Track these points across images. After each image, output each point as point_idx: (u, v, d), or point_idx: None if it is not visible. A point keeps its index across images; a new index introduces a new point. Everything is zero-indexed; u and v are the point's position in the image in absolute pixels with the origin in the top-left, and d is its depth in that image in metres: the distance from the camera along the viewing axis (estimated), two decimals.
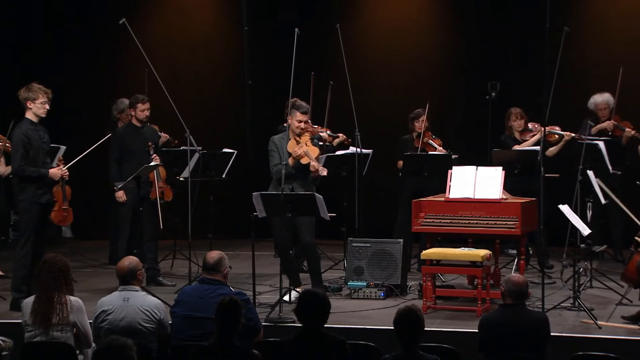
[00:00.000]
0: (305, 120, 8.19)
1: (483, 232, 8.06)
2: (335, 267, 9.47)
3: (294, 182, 8.12)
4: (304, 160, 8.09)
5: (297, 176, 8.15)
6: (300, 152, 8.07)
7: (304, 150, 8.07)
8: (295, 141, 8.16)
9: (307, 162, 8.09)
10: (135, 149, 8.77)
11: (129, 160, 8.76)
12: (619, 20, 11.06)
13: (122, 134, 8.88)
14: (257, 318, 6.05)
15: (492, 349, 5.62)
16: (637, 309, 7.26)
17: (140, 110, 8.79)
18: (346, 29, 10.34)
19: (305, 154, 8.06)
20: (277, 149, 8.16)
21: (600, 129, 9.70)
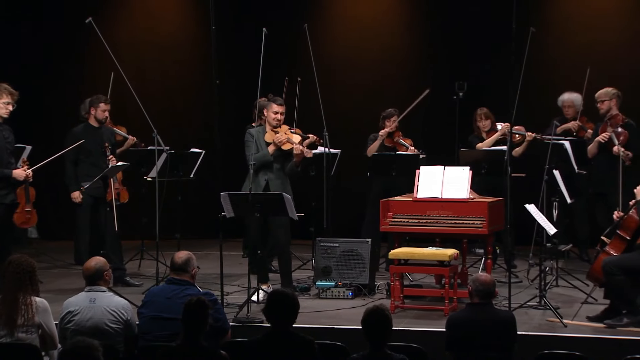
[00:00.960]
0: (282, 112, 8.21)
1: (450, 232, 8.10)
2: (303, 267, 9.48)
3: (269, 172, 8.12)
4: (285, 146, 8.08)
5: (274, 166, 8.15)
6: (283, 139, 8.07)
7: (285, 137, 8.07)
8: (273, 132, 8.17)
9: (289, 147, 8.08)
10: (92, 149, 8.72)
11: (84, 161, 8.71)
12: (583, 20, 11.18)
13: (79, 133, 8.80)
14: (224, 318, 6.03)
15: (459, 348, 5.65)
16: (602, 307, 7.33)
17: (101, 110, 8.75)
18: (314, 29, 10.35)
19: (287, 140, 8.07)
20: (253, 140, 8.17)
21: (565, 129, 9.79)
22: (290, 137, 8.13)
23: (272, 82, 9.74)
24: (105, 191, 8.74)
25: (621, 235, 7.34)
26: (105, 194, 8.75)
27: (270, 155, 8.11)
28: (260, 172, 8.11)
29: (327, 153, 9.16)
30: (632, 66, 10.89)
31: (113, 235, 8.74)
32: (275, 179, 8.14)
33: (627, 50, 10.99)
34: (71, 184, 8.70)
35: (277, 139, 8.08)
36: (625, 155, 8.95)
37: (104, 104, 8.75)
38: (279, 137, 8.08)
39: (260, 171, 8.11)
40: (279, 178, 8.17)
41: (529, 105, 9.81)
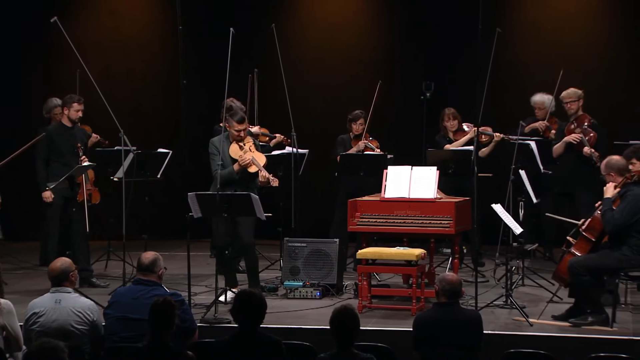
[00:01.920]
0: (244, 128, 8.16)
1: (418, 232, 8.14)
2: (271, 267, 9.47)
3: (237, 186, 8.09)
4: (251, 169, 8.06)
5: (240, 181, 8.11)
6: (248, 161, 8.03)
7: (251, 158, 8.03)
8: (238, 146, 8.12)
9: (255, 170, 8.06)
10: (64, 149, 8.66)
11: (56, 160, 8.64)
12: (549, 22, 11.26)
13: (52, 133, 8.74)
14: (192, 319, 6.01)
15: (426, 347, 5.67)
16: (567, 306, 7.40)
17: (75, 110, 8.70)
18: (282, 29, 10.35)
19: (252, 162, 8.02)
20: (217, 152, 8.12)
21: (533, 128, 9.87)
22: (255, 157, 8.05)
23: (240, 82, 9.72)
24: (77, 192, 8.68)
25: (586, 236, 7.40)
26: (76, 194, 8.68)
27: (235, 174, 8.07)
28: (226, 187, 8.04)
29: (295, 153, 9.16)
30: (596, 67, 11.00)
31: (83, 236, 8.68)
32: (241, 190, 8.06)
33: (591, 51, 11.10)
34: (42, 184, 8.64)
35: (242, 160, 8.02)
36: (596, 157, 9.05)
37: (77, 104, 8.70)
38: (244, 159, 8.01)
39: (226, 187, 8.04)
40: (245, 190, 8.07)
41: (496, 105, 9.88)
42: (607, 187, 7.31)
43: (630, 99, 10.87)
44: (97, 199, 9.14)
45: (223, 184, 8.00)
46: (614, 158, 7.43)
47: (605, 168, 7.33)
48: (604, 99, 10.56)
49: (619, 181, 7.28)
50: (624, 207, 7.13)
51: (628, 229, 7.14)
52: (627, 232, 7.16)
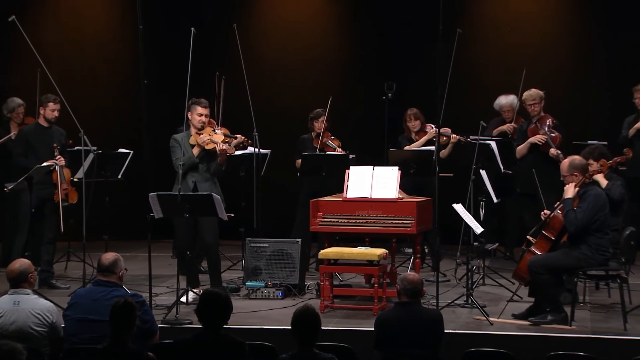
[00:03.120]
0: (206, 113, 8.17)
1: (380, 232, 8.17)
2: (233, 268, 9.45)
3: (196, 174, 8.08)
4: (209, 145, 8.05)
5: (200, 168, 8.10)
6: (205, 139, 8.03)
7: (207, 137, 8.04)
8: (197, 134, 8.12)
9: (212, 147, 8.04)
10: (40, 149, 8.61)
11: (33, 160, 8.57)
12: (509, 23, 11.36)
13: (27, 133, 8.71)
14: (153, 320, 5.97)
15: (387, 346, 5.69)
16: (527, 305, 7.46)
17: (50, 110, 8.67)
18: (244, 29, 10.33)
19: (210, 140, 8.03)
20: (178, 144, 8.11)
21: (501, 130, 9.95)
22: (212, 136, 8.09)
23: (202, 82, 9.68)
24: (53, 192, 8.61)
25: (546, 235, 7.47)
26: (52, 194, 8.61)
27: (195, 157, 8.07)
28: (187, 174, 8.07)
29: (256, 153, 9.14)
30: (555, 68, 11.12)
31: (53, 237, 8.63)
32: (203, 180, 8.10)
33: (550, 52, 11.21)
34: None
35: (200, 139, 8.04)
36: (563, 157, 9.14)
37: (52, 103, 8.66)
38: (201, 138, 8.05)
39: (187, 174, 8.06)
40: (207, 180, 8.12)
41: (457, 106, 9.93)
42: (567, 187, 7.38)
43: (588, 100, 11.00)
44: (75, 198, 9.02)
45: (185, 172, 7.98)
46: (577, 158, 7.51)
47: (570, 168, 7.38)
48: (563, 100, 10.67)
49: (579, 179, 7.35)
50: (586, 207, 7.20)
51: (587, 228, 7.23)
52: (586, 231, 7.24)
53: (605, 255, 7.27)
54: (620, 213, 7.94)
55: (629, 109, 9.69)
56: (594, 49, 11.10)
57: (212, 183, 8.13)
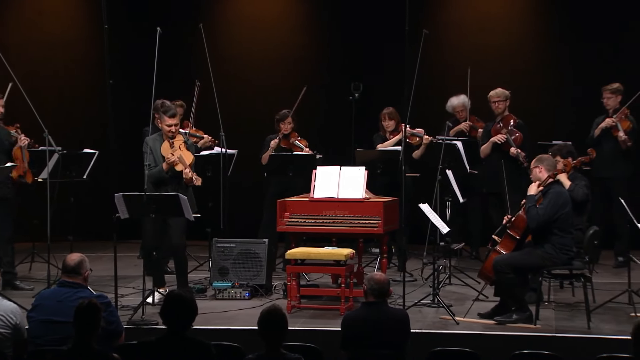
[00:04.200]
0: (175, 123, 8.10)
1: (346, 232, 8.19)
2: (200, 268, 9.42)
3: (168, 186, 8.03)
4: (178, 167, 8.00)
5: (171, 180, 8.05)
6: (174, 159, 7.97)
7: (178, 156, 7.97)
8: (169, 144, 8.06)
9: (181, 169, 8.00)
10: None
11: None
12: (474, 23, 11.43)
13: None
14: (118, 321, 5.93)
15: (354, 346, 5.70)
16: (493, 304, 7.51)
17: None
18: (210, 29, 10.30)
19: (179, 160, 7.97)
20: (150, 151, 8.06)
21: (458, 130, 10.00)
22: (182, 155, 8.01)
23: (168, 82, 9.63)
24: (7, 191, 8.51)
25: (511, 234, 7.53)
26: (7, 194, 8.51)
27: (164, 172, 8.01)
28: (159, 187, 7.98)
29: (223, 153, 9.12)
30: (520, 68, 11.19)
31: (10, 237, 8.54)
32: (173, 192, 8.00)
33: (515, 52, 11.29)
34: None
35: (169, 159, 7.97)
36: (523, 157, 9.21)
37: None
38: (170, 159, 7.96)
39: (159, 186, 7.98)
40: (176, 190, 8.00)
41: (423, 106, 9.98)
42: (531, 185, 7.46)
43: (554, 100, 11.09)
44: (31, 178, 8.93)
45: (155, 183, 7.94)
46: (547, 155, 7.64)
47: (536, 161, 7.48)
48: (528, 100, 10.75)
49: (544, 176, 7.43)
50: (547, 203, 7.28)
51: (551, 227, 7.29)
52: (550, 230, 7.31)
53: (569, 255, 7.35)
54: (584, 213, 8.03)
55: (594, 109, 9.79)
56: (558, 50, 11.19)
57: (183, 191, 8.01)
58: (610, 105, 9.60)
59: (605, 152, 9.27)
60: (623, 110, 9.49)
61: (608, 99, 9.61)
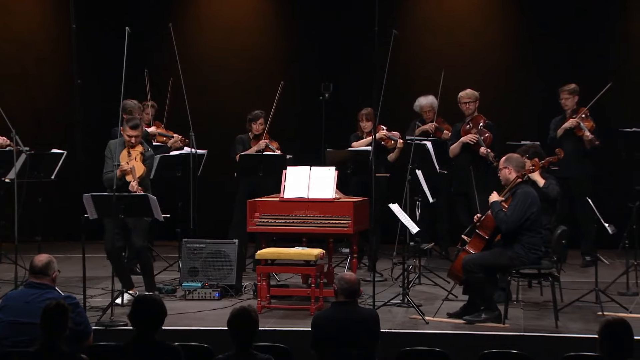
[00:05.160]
0: (136, 135, 8.06)
1: (317, 232, 8.19)
2: (169, 269, 9.37)
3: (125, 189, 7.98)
4: (128, 177, 7.97)
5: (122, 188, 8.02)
6: (127, 169, 7.96)
7: (131, 167, 7.95)
8: (127, 152, 8.03)
9: (130, 180, 7.97)
10: None
11: None
12: (443, 24, 11.48)
13: None
14: (86, 322, 5.90)
15: (323, 346, 5.71)
16: (462, 304, 7.55)
17: None
18: (180, 28, 10.25)
19: (130, 171, 7.95)
20: (111, 156, 8.03)
21: (422, 130, 10.05)
22: (135, 166, 7.97)
23: (137, 82, 9.60)
24: None
25: (480, 234, 7.58)
26: None
27: (118, 179, 7.98)
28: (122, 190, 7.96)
29: (193, 154, 9.09)
30: (489, 68, 11.26)
31: None
32: None
33: (483, 53, 11.36)
34: None
35: (122, 167, 7.95)
36: (492, 157, 9.27)
37: None
38: (123, 167, 7.94)
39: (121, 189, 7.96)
40: None
41: (393, 106, 10.01)
42: (492, 194, 7.50)
43: (522, 100, 11.17)
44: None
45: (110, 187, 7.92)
46: (516, 154, 7.67)
47: (505, 161, 7.52)
48: (496, 100, 10.83)
49: (513, 177, 7.47)
50: (515, 204, 7.32)
51: (520, 227, 7.34)
52: (519, 230, 7.35)
53: (537, 254, 7.40)
54: (554, 212, 8.10)
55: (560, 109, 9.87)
56: (525, 50, 11.27)
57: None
58: (568, 106, 9.71)
59: (567, 153, 9.33)
60: (583, 110, 9.59)
61: (566, 100, 9.72)
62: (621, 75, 10.65)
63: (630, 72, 10.91)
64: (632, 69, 10.97)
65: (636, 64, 11.01)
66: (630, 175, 9.34)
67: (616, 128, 9.63)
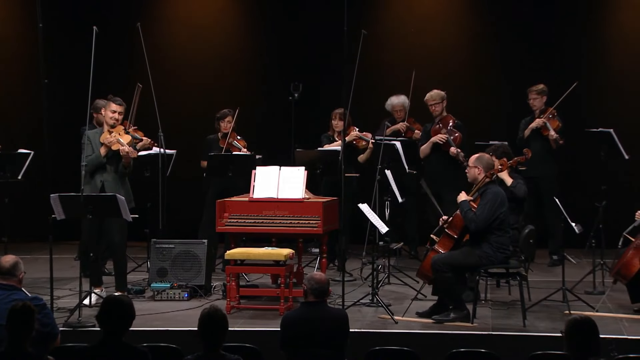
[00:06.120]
0: (120, 111, 8.08)
1: (286, 232, 8.19)
2: (138, 269, 9.33)
3: (104, 173, 8.00)
4: (114, 146, 7.96)
5: (108, 168, 7.99)
6: (112, 139, 7.94)
7: (115, 138, 7.94)
8: (108, 132, 8.02)
9: (117, 147, 7.96)
10: None
11: None
12: (412, 24, 11.52)
13: None
14: (53, 323, 5.84)
15: (293, 346, 5.70)
16: (431, 303, 7.58)
17: None
18: (148, 28, 10.19)
19: (117, 141, 7.93)
20: (90, 142, 8.03)
21: (394, 129, 10.07)
22: (120, 137, 8.00)
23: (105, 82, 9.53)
24: None
25: (449, 233, 7.61)
26: None
27: (102, 157, 7.97)
28: (96, 174, 7.99)
29: (162, 154, 9.05)
30: (458, 69, 11.33)
31: None
32: (111, 180, 8.02)
33: (453, 53, 11.42)
34: None
35: (107, 139, 7.95)
36: (462, 157, 9.31)
37: None
38: (109, 138, 7.95)
39: (96, 173, 7.98)
40: (115, 179, 8.04)
41: (363, 106, 10.04)
42: (461, 194, 7.54)
43: (490, 100, 11.24)
44: None
45: (93, 170, 7.87)
46: (486, 155, 7.70)
47: (475, 161, 7.55)
48: (465, 100, 10.89)
49: (482, 177, 7.51)
50: (485, 204, 7.36)
51: (488, 227, 7.38)
52: (488, 230, 7.39)
53: (505, 254, 7.45)
54: (521, 212, 8.15)
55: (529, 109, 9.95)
56: (493, 50, 11.34)
57: (120, 182, 8.03)
58: (537, 106, 9.81)
59: (534, 152, 9.39)
60: (550, 110, 9.69)
61: (534, 100, 9.81)
62: (588, 74, 10.74)
63: (596, 72, 11.01)
64: (598, 68, 11.07)
65: (602, 64, 11.11)
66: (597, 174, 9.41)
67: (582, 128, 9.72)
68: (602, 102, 10.95)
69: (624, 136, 9.38)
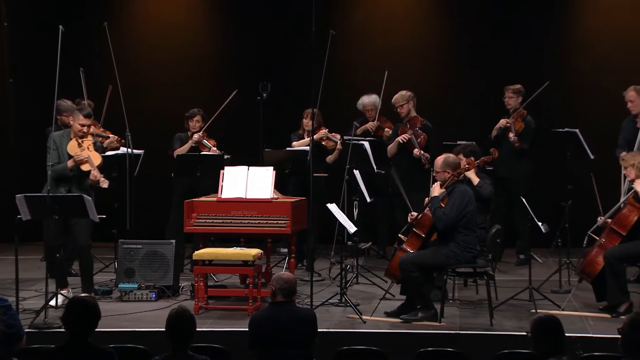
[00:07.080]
0: (89, 124, 7.99)
1: (255, 232, 8.17)
2: (105, 270, 9.27)
3: (71, 184, 7.90)
4: (84, 167, 7.87)
5: (73, 180, 7.91)
6: (83, 158, 7.84)
7: (87, 156, 7.85)
8: (77, 142, 7.92)
9: (88, 169, 7.87)
10: None
11: None
12: (381, 24, 11.55)
13: None
14: (19, 324, 5.76)
15: (261, 346, 5.70)
16: (399, 303, 7.61)
17: None
18: (116, 28, 10.13)
19: (87, 160, 7.84)
20: (56, 148, 7.90)
21: (364, 129, 10.09)
22: (91, 155, 7.89)
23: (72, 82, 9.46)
24: None
25: (417, 232, 7.64)
26: None
27: (68, 170, 7.87)
28: (60, 183, 7.85)
29: (129, 154, 9.00)
30: (426, 69, 11.37)
31: None
32: (77, 189, 7.88)
33: (420, 54, 11.46)
34: None
35: (77, 156, 7.85)
36: (425, 158, 9.35)
37: None
38: (79, 156, 7.84)
39: (60, 183, 7.85)
40: (80, 189, 7.90)
41: (330, 106, 10.04)
42: (434, 186, 7.56)
43: (458, 101, 11.29)
44: None
45: (57, 180, 7.80)
46: (451, 156, 7.71)
47: (443, 165, 7.55)
48: (434, 101, 10.92)
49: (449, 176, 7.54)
50: (453, 203, 7.40)
51: (456, 226, 7.42)
52: (455, 229, 7.42)
53: (473, 253, 7.49)
54: (488, 211, 8.20)
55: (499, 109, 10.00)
56: (460, 51, 11.39)
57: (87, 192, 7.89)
58: (511, 105, 9.86)
59: (504, 152, 9.45)
60: (520, 111, 9.76)
61: (509, 99, 9.87)
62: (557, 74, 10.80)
63: (565, 72, 11.10)
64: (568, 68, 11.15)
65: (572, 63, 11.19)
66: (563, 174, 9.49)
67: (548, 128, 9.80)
68: (568, 102, 11.03)
69: (589, 137, 9.46)
